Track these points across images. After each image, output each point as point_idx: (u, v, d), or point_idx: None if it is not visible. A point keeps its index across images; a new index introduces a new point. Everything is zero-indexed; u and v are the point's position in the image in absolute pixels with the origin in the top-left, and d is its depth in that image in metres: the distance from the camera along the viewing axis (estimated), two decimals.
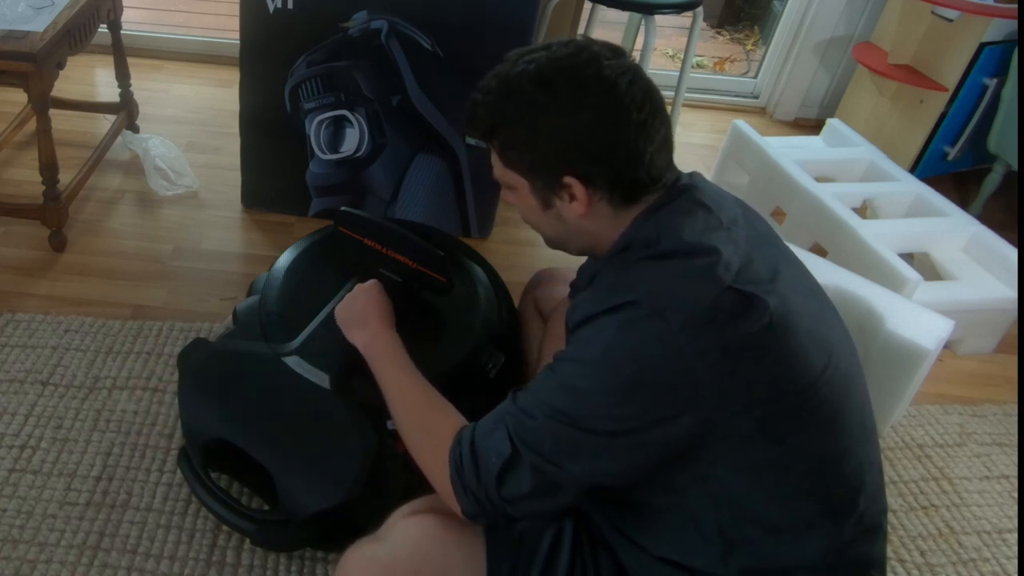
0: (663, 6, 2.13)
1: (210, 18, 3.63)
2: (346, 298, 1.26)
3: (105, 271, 1.92)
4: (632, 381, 0.84)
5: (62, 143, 1.93)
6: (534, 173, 0.96)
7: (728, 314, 0.84)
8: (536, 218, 1.01)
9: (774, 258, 0.94)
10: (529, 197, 0.98)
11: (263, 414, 1.28)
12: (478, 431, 0.93)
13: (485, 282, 1.52)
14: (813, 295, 0.97)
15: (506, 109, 0.94)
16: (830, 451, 0.90)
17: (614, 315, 0.87)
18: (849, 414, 0.92)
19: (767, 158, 2.23)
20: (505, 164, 0.98)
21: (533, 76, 0.92)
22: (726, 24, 4.12)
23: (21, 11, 1.79)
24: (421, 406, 1.05)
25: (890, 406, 1.65)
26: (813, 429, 0.89)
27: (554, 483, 0.88)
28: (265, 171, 2.12)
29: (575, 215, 0.96)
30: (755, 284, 0.86)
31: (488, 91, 0.95)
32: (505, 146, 0.96)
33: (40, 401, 1.55)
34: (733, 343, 0.83)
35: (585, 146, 0.92)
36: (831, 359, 0.90)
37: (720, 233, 0.91)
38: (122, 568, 1.28)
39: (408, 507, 1.04)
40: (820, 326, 0.91)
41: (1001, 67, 2.32)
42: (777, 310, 0.85)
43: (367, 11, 1.81)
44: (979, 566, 1.45)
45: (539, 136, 0.93)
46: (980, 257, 1.99)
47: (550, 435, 0.87)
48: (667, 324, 0.83)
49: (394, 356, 1.14)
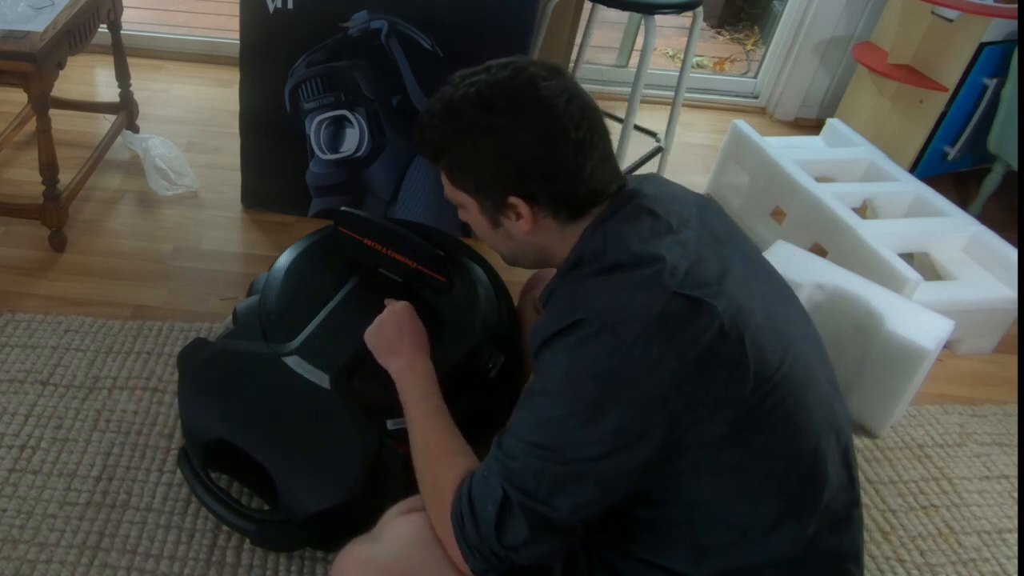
0: (663, 6, 2.13)
1: (210, 18, 3.63)
2: (377, 321, 1.24)
3: (105, 271, 1.92)
4: (595, 400, 0.85)
5: (62, 143, 1.93)
6: (480, 193, 0.99)
7: (678, 321, 0.85)
8: (488, 236, 1.04)
9: (727, 257, 0.94)
10: (478, 215, 1.01)
11: (263, 414, 1.28)
12: (474, 481, 0.92)
13: (485, 282, 1.52)
14: (770, 290, 0.98)
15: (450, 132, 0.97)
16: (791, 448, 0.91)
17: (567, 337, 0.88)
18: (810, 408, 0.92)
19: (767, 158, 2.23)
20: (453, 185, 1.01)
21: (474, 99, 0.94)
22: (726, 24, 4.11)
23: (21, 11, 1.79)
24: (434, 453, 1.03)
25: (890, 406, 1.65)
26: (774, 427, 0.89)
27: (547, 523, 0.87)
28: (265, 171, 2.12)
29: (522, 232, 0.99)
30: (702, 287, 0.87)
31: (433, 114, 0.98)
32: (452, 167, 0.99)
33: (40, 401, 1.55)
34: (686, 349, 0.84)
35: (525, 166, 0.94)
36: (788, 353, 0.90)
37: (667, 238, 0.92)
38: (122, 568, 1.28)
39: (402, 506, 1.04)
40: (776, 321, 0.92)
41: (1001, 67, 2.32)
42: (727, 311, 0.86)
43: (367, 11, 1.81)
44: (979, 566, 1.45)
45: (482, 157, 0.95)
46: (980, 257, 1.99)
47: (533, 474, 0.87)
48: (619, 338, 0.84)
49: (424, 392, 1.12)
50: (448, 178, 1.01)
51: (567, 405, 0.87)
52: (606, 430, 0.85)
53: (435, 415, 1.08)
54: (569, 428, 0.86)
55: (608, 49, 3.34)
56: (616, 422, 0.85)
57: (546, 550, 0.90)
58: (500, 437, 0.94)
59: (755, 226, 2.27)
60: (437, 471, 0.99)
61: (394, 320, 1.22)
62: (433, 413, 1.09)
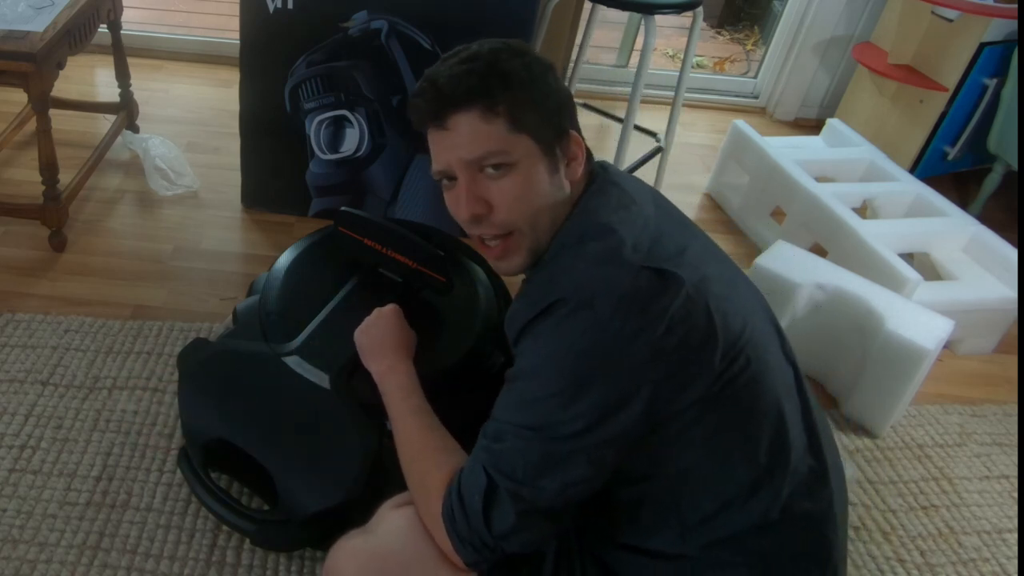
0: (663, 6, 2.13)
1: (210, 18, 3.63)
2: (365, 322, 1.25)
3: (105, 271, 1.92)
4: (579, 376, 0.86)
5: (62, 143, 1.93)
6: (544, 130, 0.96)
7: (648, 292, 0.87)
8: (539, 193, 0.96)
9: (682, 236, 0.98)
10: (536, 164, 0.95)
11: (263, 414, 1.28)
12: (463, 475, 0.92)
13: (485, 282, 1.52)
14: (723, 265, 1.01)
15: (509, 68, 0.94)
16: (759, 409, 0.93)
17: (546, 319, 0.89)
18: (772, 371, 0.95)
19: (767, 158, 2.23)
20: (515, 128, 0.94)
21: (503, 47, 0.96)
22: (726, 24, 4.11)
23: (21, 11, 1.79)
24: (419, 452, 1.03)
25: (890, 406, 1.65)
26: (742, 390, 0.91)
27: (534, 508, 0.88)
28: (265, 171, 2.12)
29: (574, 178, 0.99)
30: (666, 260, 0.90)
31: (477, 58, 0.94)
32: (520, 106, 0.93)
33: (40, 401, 1.55)
34: (659, 319, 0.86)
35: (568, 103, 0.99)
36: (747, 320, 0.94)
37: (632, 210, 0.96)
38: (122, 568, 1.28)
39: (397, 499, 1.04)
40: (732, 290, 0.96)
41: (1001, 67, 2.32)
42: (691, 280, 0.89)
43: (367, 11, 1.81)
44: (979, 566, 1.45)
45: (545, 91, 0.96)
46: (980, 257, 1.99)
47: (519, 456, 0.88)
48: (596, 313, 0.86)
49: (405, 393, 1.12)
50: (509, 119, 0.93)
51: (550, 384, 0.87)
52: (589, 404, 0.86)
53: (417, 415, 1.08)
54: (554, 407, 0.87)
55: (608, 49, 3.34)
56: (599, 396, 0.86)
57: (535, 537, 0.90)
58: (485, 425, 0.94)
59: (755, 226, 2.27)
60: (424, 470, 0.99)
61: (379, 323, 1.23)
62: (415, 413, 1.09)
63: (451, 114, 0.94)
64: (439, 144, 0.97)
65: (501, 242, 0.99)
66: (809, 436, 0.97)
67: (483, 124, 0.93)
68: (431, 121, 0.96)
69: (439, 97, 0.94)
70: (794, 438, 0.95)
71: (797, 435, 0.95)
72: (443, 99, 0.94)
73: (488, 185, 0.95)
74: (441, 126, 0.95)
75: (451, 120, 0.94)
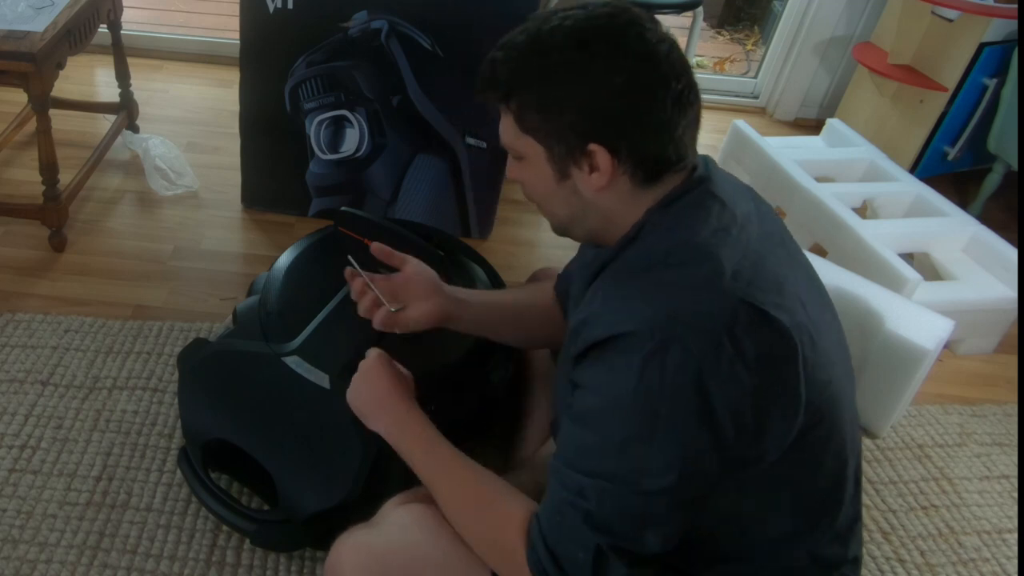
0: (663, 6, 2.14)
1: (210, 18, 3.63)
2: (353, 381, 1.13)
3: (105, 271, 1.92)
4: (668, 418, 0.79)
5: (62, 143, 1.93)
6: (555, 138, 0.88)
7: (747, 333, 0.79)
8: (547, 192, 0.93)
9: (784, 263, 0.90)
10: (543, 167, 0.90)
11: (263, 414, 1.28)
12: (544, 527, 0.85)
13: (485, 282, 1.52)
14: (818, 301, 0.94)
15: (534, 67, 0.87)
16: (824, 466, 0.90)
17: (624, 350, 0.81)
18: (843, 428, 0.91)
19: (767, 158, 2.23)
20: (521, 129, 0.89)
21: (569, 33, 0.85)
22: (726, 24, 4.12)
23: (21, 11, 1.79)
24: (475, 510, 0.95)
25: (890, 406, 1.65)
26: (811, 447, 0.87)
27: (642, 558, 0.83)
28: (265, 171, 2.12)
29: (593, 188, 0.89)
30: (766, 294, 0.83)
31: (513, 47, 0.89)
32: (524, 108, 0.88)
33: (40, 401, 1.55)
34: (755, 364, 0.79)
35: (616, 112, 0.85)
36: (832, 373, 0.88)
37: (732, 232, 0.87)
38: (122, 568, 1.28)
39: (402, 496, 1.04)
40: (821, 337, 0.88)
41: (1001, 67, 2.32)
42: (791, 324, 0.82)
43: (367, 11, 1.81)
44: (979, 566, 1.45)
45: (567, 98, 0.86)
46: (980, 257, 1.99)
47: (614, 513, 0.82)
48: (688, 352, 0.78)
49: (427, 445, 1.03)
50: (516, 120, 0.89)
51: (634, 426, 0.80)
52: (679, 450, 0.80)
53: (450, 465, 1.00)
54: (641, 454, 0.80)
55: None
56: (689, 440, 0.80)
57: None
58: (558, 468, 0.86)
59: None
60: (491, 527, 0.93)
61: (367, 380, 1.11)
62: (448, 464, 1.00)
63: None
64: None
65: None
66: (856, 485, 0.96)
67: (503, 114, 0.91)
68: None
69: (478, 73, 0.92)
70: (847, 491, 0.93)
71: (851, 487, 0.94)
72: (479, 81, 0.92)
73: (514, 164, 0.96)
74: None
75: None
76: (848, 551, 0.96)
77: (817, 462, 0.89)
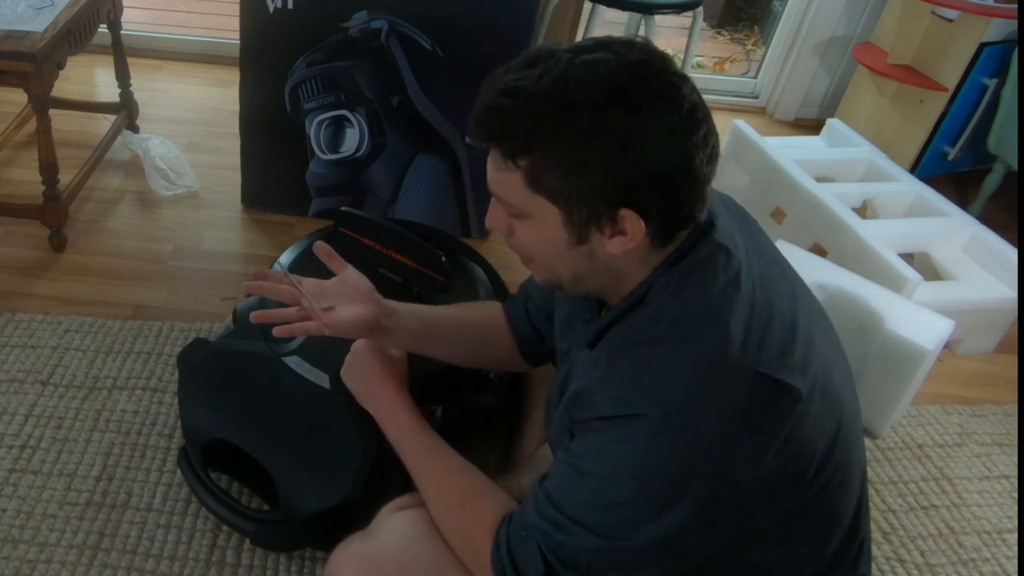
0: (663, 6, 2.13)
1: (210, 18, 3.63)
2: (347, 359, 1.16)
3: (105, 271, 1.92)
4: (669, 495, 0.77)
5: (62, 143, 1.92)
6: (578, 201, 0.77)
7: (763, 411, 0.76)
8: (553, 254, 0.83)
9: (787, 296, 0.86)
10: (555, 230, 0.79)
11: (263, 414, 1.28)
12: (512, 534, 0.86)
13: (485, 282, 1.52)
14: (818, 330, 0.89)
15: (561, 122, 0.74)
16: (839, 510, 0.90)
17: (633, 429, 0.77)
18: (855, 470, 0.91)
19: (767, 158, 2.23)
20: (533, 189, 0.77)
21: (605, 84, 0.73)
22: (726, 24, 4.12)
23: (21, 11, 1.79)
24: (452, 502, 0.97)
25: (890, 406, 1.65)
26: (827, 496, 0.87)
27: None
28: (265, 171, 2.12)
29: (613, 252, 0.80)
30: (780, 359, 0.78)
31: (532, 96, 0.74)
32: (543, 166, 0.76)
33: (40, 401, 1.55)
34: (771, 440, 0.77)
35: (654, 174, 0.75)
36: (841, 417, 0.86)
37: (740, 286, 0.81)
38: (122, 568, 1.28)
39: (397, 502, 1.04)
40: (830, 380, 0.85)
41: (1001, 67, 2.32)
42: (805, 389, 0.78)
43: (367, 11, 1.81)
44: (979, 566, 1.45)
45: (602, 158, 0.74)
46: (980, 257, 1.99)
47: (586, 554, 0.81)
48: (700, 435, 0.75)
49: (414, 434, 1.05)
50: (527, 178, 0.77)
51: (632, 497, 0.78)
52: (675, 523, 0.77)
53: (435, 455, 1.02)
54: (633, 520, 0.78)
55: None
56: (689, 516, 0.77)
57: None
58: (541, 500, 0.85)
59: None
60: (464, 521, 0.94)
61: (359, 360, 1.13)
62: (433, 454, 1.02)
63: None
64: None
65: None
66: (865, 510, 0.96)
67: (501, 167, 0.78)
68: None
69: (473, 116, 0.79)
70: (861, 528, 0.93)
71: (864, 523, 0.94)
72: (473, 120, 0.79)
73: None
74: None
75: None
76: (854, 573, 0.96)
77: (833, 507, 0.89)
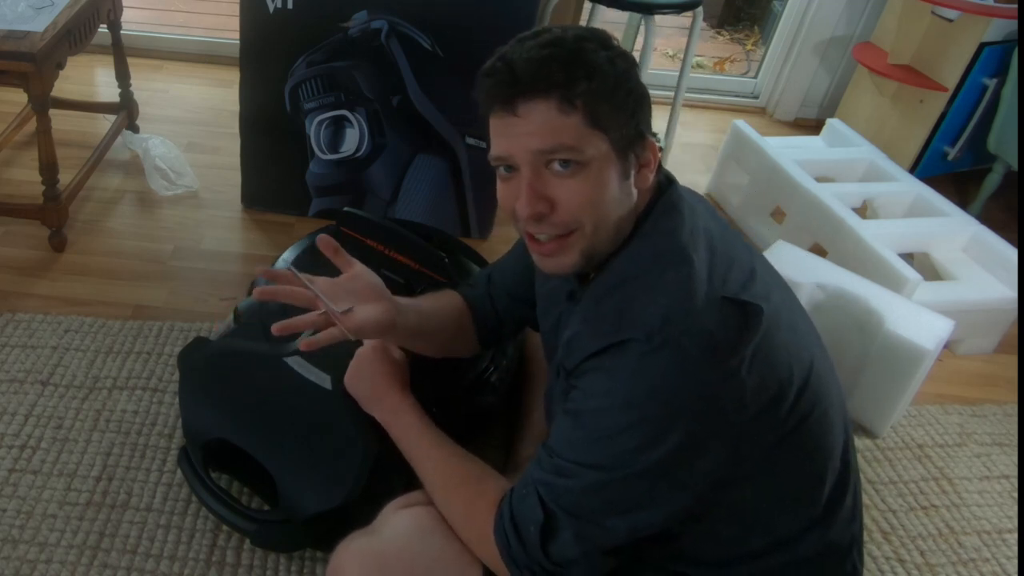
0: (663, 6, 2.14)
1: (210, 18, 3.63)
2: (351, 366, 1.18)
3: (105, 271, 1.92)
4: (660, 419, 0.81)
5: (62, 143, 1.93)
6: (623, 130, 0.86)
7: (734, 328, 0.82)
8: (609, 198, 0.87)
9: (747, 255, 0.94)
10: (607, 169, 0.86)
11: (264, 414, 1.28)
12: (514, 499, 0.90)
13: None
14: (782, 287, 0.97)
15: (590, 56, 0.84)
16: (827, 447, 0.91)
17: (619, 355, 0.83)
18: (835, 408, 0.93)
19: (767, 158, 2.23)
20: (591, 124, 0.84)
21: (585, 35, 0.86)
22: (726, 24, 4.12)
23: (21, 11, 1.79)
24: (456, 484, 1.00)
25: (890, 406, 1.65)
26: (812, 427, 0.89)
27: (600, 544, 0.85)
28: (265, 171, 2.12)
29: (643, 186, 0.90)
30: (743, 289, 0.86)
31: (560, 43, 0.84)
32: (598, 99, 0.84)
33: (40, 401, 1.55)
34: (745, 356, 0.81)
35: (647, 102, 0.89)
36: (812, 352, 0.91)
37: (703, 233, 0.90)
38: (122, 568, 1.28)
39: (402, 500, 1.04)
40: (796, 317, 0.93)
41: (1001, 67, 2.32)
42: (768, 311, 0.85)
43: (367, 11, 1.81)
44: (979, 566, 1.45)
45: (623, 84, 0.86)
46: (980, 257, 1.99)
47: (587, 494, 0.84)
48: (683, 352, 0.80)
49: (419, 432, 1.07)
50: (586, 116, 0.84)
51: (625, 424, 0.82)
52: (669, 448, 0.81)
53: (440, 448, 1.05)
54: (629, 447, 0.82)
55: None
56: (682, 439, 0.81)
57: (596, 570, 0.88)
58: (543, 455, 0.89)
59: (755, 226, 2.27)
60: (466, 499, 0.97)
61: (363, 365, 1.16)
62: (437, 447, 1.05)
63: (525, 100, 0.84)
64: (505, 130, 0.87)
65: (556, 241, 0.89)
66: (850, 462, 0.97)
67: (559, 116, 0.84)
68: (500, 104, 0.86)
69: (514, 80, 0.84)
70: (851, 475, 0.94)
71: (853, 470, 0.95)
72: (518, 83, 0.84)
73: (553, 182, 0.86)
74: (511, 111, 0.85)
75: (523, 107, 0.84)
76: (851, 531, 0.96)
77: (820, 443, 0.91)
